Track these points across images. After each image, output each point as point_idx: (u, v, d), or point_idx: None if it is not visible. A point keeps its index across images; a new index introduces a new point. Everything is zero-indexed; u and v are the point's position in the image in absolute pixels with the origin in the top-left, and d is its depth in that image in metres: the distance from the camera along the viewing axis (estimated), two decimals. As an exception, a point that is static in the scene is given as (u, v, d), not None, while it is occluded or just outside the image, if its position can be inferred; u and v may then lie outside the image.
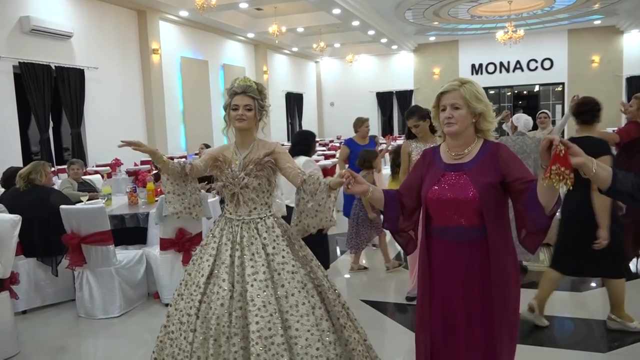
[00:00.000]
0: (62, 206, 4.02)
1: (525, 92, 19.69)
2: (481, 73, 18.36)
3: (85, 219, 3.94)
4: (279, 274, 2.34)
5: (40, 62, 8.73)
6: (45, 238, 4.20)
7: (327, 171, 7.22)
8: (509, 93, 18.70)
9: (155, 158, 2.51)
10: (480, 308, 1.94)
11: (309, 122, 19.84)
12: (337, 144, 14.04)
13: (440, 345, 2.03)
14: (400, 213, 2.11)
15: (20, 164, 6.98)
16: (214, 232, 2.50)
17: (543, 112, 5.85)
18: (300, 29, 14.96)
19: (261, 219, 2.46)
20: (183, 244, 4.16)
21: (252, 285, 2.29)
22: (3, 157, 7.81)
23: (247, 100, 2.44)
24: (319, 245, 4.22)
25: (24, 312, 4.23)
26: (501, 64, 18.09)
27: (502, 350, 1.94)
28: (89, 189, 5.71)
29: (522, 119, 4.96)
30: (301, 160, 3.88)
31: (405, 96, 19.35)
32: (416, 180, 2.10)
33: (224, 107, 2.53)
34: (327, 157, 9.19)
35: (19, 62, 8.38)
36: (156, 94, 11.42)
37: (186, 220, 4.02)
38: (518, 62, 17.83)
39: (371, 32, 14.76)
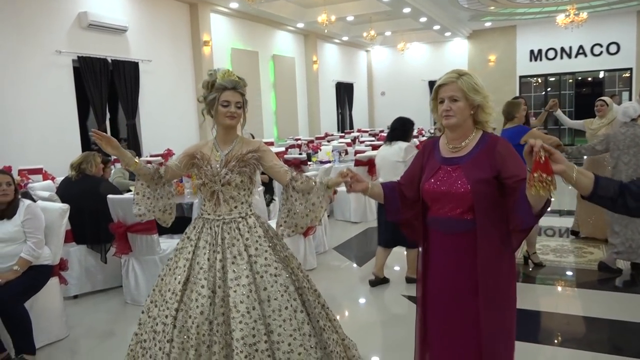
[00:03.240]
0: (109, 196, 4.15)
1: (589, 79, 18.61)
2: (540, 59, 17.53)
3: (131, 208, 4.04)
4: (262, 276, 2.27)
5: (98, 56, 9.07)
6: (95, 226, 4.36)
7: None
8: (571, 80, 17.74)
9: (125, 160, 2.42)
10: (466, 302, 1.92)
11: (359, 112, 19.67)
12: (385, 134, 13.79)
13: (434, 338, 2.04)
14: (401, 203, 2.12)
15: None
16: (189, 235, 2.40)
17: (600, 100, 5.47)
18: (350, 18, 14.76)
19: (242, 217, 2.38)
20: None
21: (235, 291, 2.21)
22: (64, 147, 8.19)
23: (238, 97, 2.37)
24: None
25: (76, 296, 4.42)
26: (562, 49, 17.16)
27: (490, 348, 1.88)
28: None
29: (620, 108, 4.55)
30: (402, 145, 4.05)
31: (458, 84, 18.75)
32: (417, 170, 2.11)
33: (208, 101, 2.39)
34: (374, 147, 9.02)
35: (78, 56, 8.73)
36: (207, 86, 11.62)
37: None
38: (581, 47, 16.84)
39: (423, 19, 14.37)
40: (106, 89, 9.27)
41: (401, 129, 4.23)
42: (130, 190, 5.06)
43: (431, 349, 2.06)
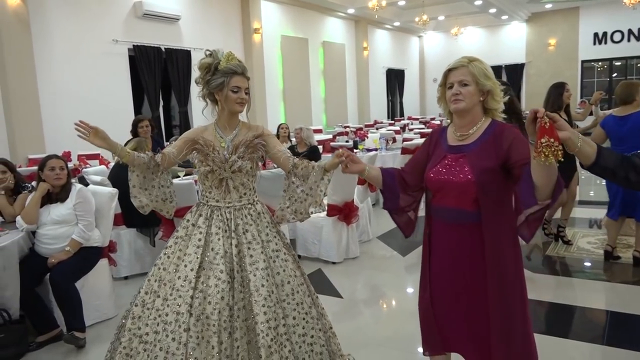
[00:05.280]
0: (156, 181, 4.26)
1: (659, 63, 17.43)
2: (605, 42, 16.55)
3: (176, 193, 4.13)
4: (274, 261, 2.29)
5: (152, 45, 9.33)
6: (144, 210, 4.49)
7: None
8: (639, 64, 16.66)
9: (117, 151, 2.25)
10: (470, 294, 1.89)
11: (410, 99, 19.33)
12: (437, 122, 13.50)
13: (437, 328, 2.01)
14: (401, 191, 2.08)
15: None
16: (195, 222, 2.31)
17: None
18: (401, 2, 14.44)
19: (251, 204, 2.36)
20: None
21: (254, 275, 2.19)
22: (119, 133, 8.45)
23: (246, 83, 2.31)
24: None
25: (126, 277, 4.59)
26: (630, 31, 16.11)
27: (499, 340, 1.84)
28: (188, 165, 6.02)
29: None
30: None
31: (515, 70, 18.06)
32: (423, 158, 2.06)
33: (213, 85, 2.28)
34: (423, 135, 8.82)
35: (133, 45, 9.03)
36: (257, 73, 11.73)
37: (270, 198, 4.07)
38: (651, 28, 15.79)
39: (478, 2, 13.86)
40: (160, 77, 9.54)
41: None
42: (178, 176, 5.18)
43: (442, 337, 2.02)
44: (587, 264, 4.52)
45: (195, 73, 2.37)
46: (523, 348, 1.88)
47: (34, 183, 3.75)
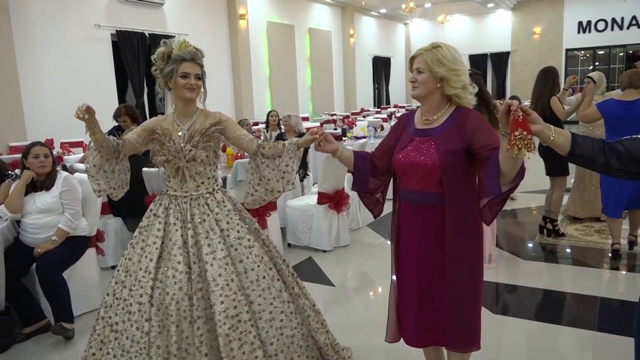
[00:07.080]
0: (144, 169, 4.18)
1: (641, 52, 17.63)
2: (589, 31, 16.68)
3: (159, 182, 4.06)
4: (236, 249, 2.28)
5: (135, 30, 9.13)
6: (131, 199, 4.39)
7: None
8: (621, 53, 16.83)
9: (94, 128, 2.18)
10: (436, 272, 1.97)
11: (396, 87, 19.30)
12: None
13: (408, 314, 2.08)
14: (371, 174, 2.14)
15: (117, 128, 7.41)
16: (156, 212, 2.32)
17: (587, 77, 4.99)
18: (388, -11, 14.38)
19: (210, 193, 2.35)
20: (258, 209, 4.18)
21: (211, 265, 2.20)
22: (103, 121, 8.30)
23: (197, 69, 2.30)
24: None
25: (113, 267, 4.50)
26: (613, 20, 16.26)
27: (455, 322, 1.96)
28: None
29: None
30: None
31: (500, 58, 18.13)
32: (391, 142, 2.11)
33: (165, 73, 2.28)
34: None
35: (116, 30, 8.82)
36: (243, 60, 11.58)
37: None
38: (634, 17, 15.92)
39: (465, -10, 13.84)
40: (144, 63, 9.34)
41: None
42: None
43: (404, 317, 2.11)
44: (576, 251, 4.57)
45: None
46: (472, 324, 2.02)
47: (17, 171, 3.64)
